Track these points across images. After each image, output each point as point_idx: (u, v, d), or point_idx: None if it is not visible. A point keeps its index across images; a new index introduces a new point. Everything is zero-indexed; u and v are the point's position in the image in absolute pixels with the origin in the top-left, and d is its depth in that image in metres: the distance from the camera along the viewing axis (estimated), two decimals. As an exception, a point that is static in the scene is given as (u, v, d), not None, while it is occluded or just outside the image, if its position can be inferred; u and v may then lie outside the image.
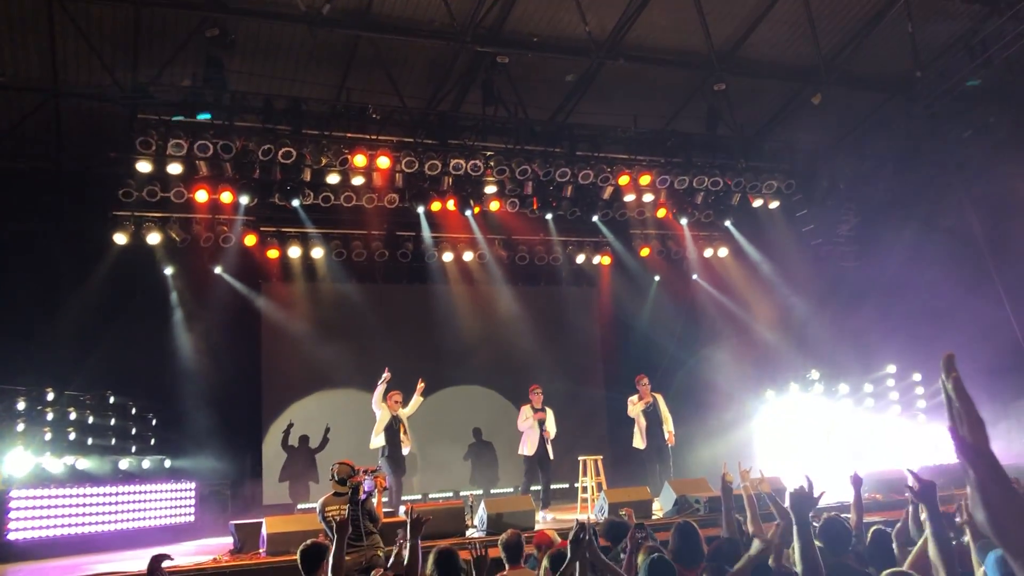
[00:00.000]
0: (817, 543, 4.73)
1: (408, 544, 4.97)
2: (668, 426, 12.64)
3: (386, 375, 11.47)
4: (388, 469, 11.24)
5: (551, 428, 12.55)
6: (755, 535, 4.98)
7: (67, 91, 12.24)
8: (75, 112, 12.74)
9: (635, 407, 12.70)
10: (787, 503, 3.77)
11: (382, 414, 11.56)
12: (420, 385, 11.80)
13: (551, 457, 12.49)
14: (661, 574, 4.17)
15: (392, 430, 11.56)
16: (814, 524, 6.00)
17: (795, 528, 3.72)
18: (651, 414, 12.64)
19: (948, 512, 5.78)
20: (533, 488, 12.46)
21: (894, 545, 5.52)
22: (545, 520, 11.72)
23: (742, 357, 15.58)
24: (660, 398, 12.81)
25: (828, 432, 14.59)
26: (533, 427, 12.40)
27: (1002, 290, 14.15)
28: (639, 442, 12.70)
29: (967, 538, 4.89)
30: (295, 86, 12.85)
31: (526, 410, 12.58)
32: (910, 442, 14.48)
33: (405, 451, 11.80)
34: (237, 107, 12.04)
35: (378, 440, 11.56)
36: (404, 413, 11.74)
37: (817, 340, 15.44)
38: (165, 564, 4.96)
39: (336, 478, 7.47)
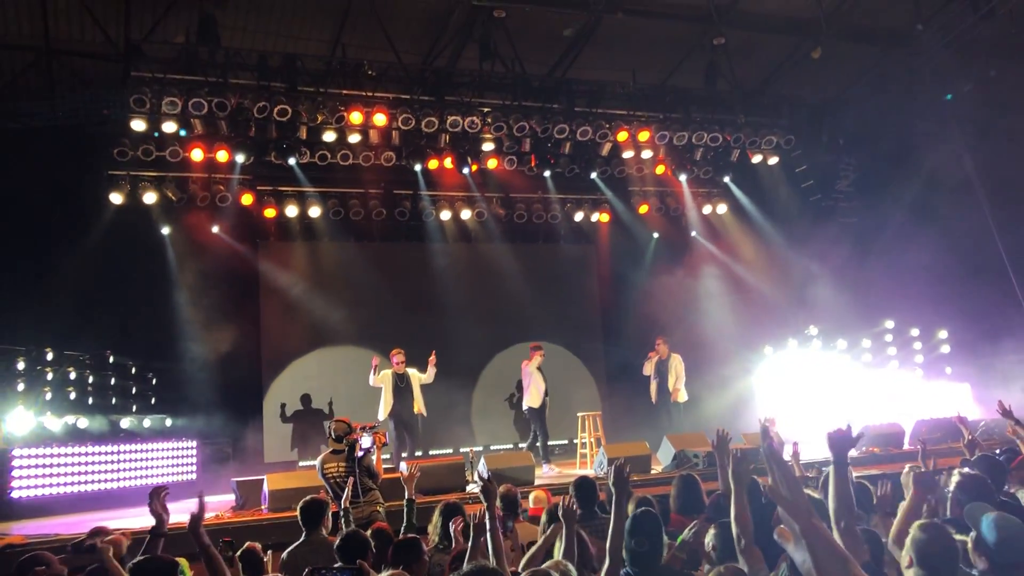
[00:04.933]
0: (814, 494, 4.77)
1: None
2: (671, 382, 13.05)
3: (375, 360, 11.63)
4: (393, 427, 11.33)
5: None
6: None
7: (59, 49, 12.09)
8: (68, 69, 12.59)
9: (648, 364, 13.25)
10: (827, 443, 3.73)
11: (384, 379, 11.64)
12: (432, 358, 11.80)
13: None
14: (646, 525, 4.21)
15: (398, 388, 11.63)
16: (808, 475, 6.05)
17: (832, 467, 3.69)
18: (661, 372, 13.13)
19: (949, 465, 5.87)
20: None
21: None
22: (552, 472, 11.97)
23: (741, 313, 15.61)
24: (676, 357, 13.20)
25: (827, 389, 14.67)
26: (538, 381, 12.46)
27: (1001, 246, 14.14)
28: (653, 397, 13.27)
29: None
30: (289, 42, 12.70)
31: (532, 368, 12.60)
32: (907, 397, 14.55)
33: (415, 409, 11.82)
34: (231, 64, 11.90)
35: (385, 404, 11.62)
36: (422, 378, 11.81)
37: (815, 296, 15.44)
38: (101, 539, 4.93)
39: (333, 435, 7.50)
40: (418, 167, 13.66)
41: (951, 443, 11.56)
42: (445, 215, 14.79)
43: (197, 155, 12.31)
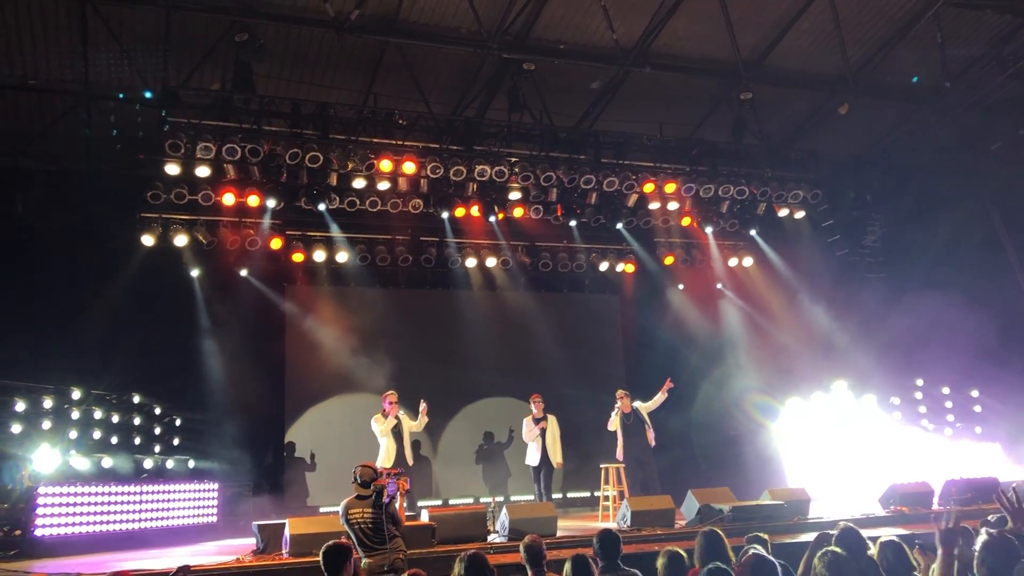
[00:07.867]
0: (838, 550, 4.75)
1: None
2: (646, 430, 12.36)
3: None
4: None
5: (553, 434, 12.35)
6: None
7: (98, 94, 12.38)
8: (105, 113, 12.87)
9: (613, 420, 12.47)
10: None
11: (385, 427, 11.58)
12: (423, 407, 11.68)
13: (555, 465, 12.29)
14: None
15: (396, 433, 11.59)
16: (831, 532, 5.97)
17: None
18: (630, 426, 12.36)
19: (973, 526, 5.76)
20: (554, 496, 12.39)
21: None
22: None
23: (766, 367, 15.48)
24: (643, 406, 12.49)
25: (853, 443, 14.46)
26: (537, 438, 12.33)
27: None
28: (619, 453, 12.43)
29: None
30: (323, 91, 12.93)
31: (528, 421, 12.48)
32: (937, 456, 14.32)
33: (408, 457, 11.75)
34: (265, 111, 12.14)
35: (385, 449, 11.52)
36: (412, 426, 11.78)
37: (842, 351, 15.32)
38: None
39: (359, 481, 7.45)
40: (445, 215, 13.77)
41: (982, 504, 11.35)
42: (471, 262, 14.87)
43: (229, 199, 12.48)
